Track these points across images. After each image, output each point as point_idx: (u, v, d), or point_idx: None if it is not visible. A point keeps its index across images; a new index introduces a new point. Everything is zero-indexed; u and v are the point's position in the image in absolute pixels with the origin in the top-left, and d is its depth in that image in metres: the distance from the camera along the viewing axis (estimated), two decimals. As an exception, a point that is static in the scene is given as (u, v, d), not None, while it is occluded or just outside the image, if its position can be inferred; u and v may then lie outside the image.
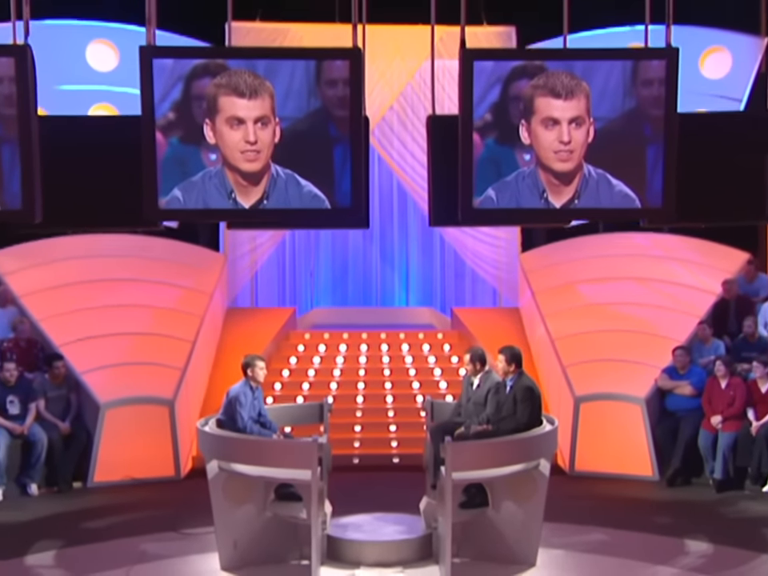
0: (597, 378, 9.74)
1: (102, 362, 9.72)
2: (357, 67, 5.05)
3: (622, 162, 5.24)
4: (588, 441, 9.52)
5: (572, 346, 10.30)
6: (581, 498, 8.59)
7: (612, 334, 10.34)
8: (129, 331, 10.26)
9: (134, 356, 9.93)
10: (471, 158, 5.10)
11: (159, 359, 9.94)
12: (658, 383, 9.54)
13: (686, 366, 9.48)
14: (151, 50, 5.16)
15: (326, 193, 5.26)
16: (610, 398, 9.54)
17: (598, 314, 10.76)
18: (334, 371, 11.65)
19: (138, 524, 7.75)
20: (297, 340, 12.38)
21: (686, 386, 9.37)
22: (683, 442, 9.10)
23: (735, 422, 8.87)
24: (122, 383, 9.51)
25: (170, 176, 5.21)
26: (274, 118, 5.23)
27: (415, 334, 12.48)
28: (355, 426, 10.59)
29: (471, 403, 7.06)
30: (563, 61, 5.17)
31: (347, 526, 6.91)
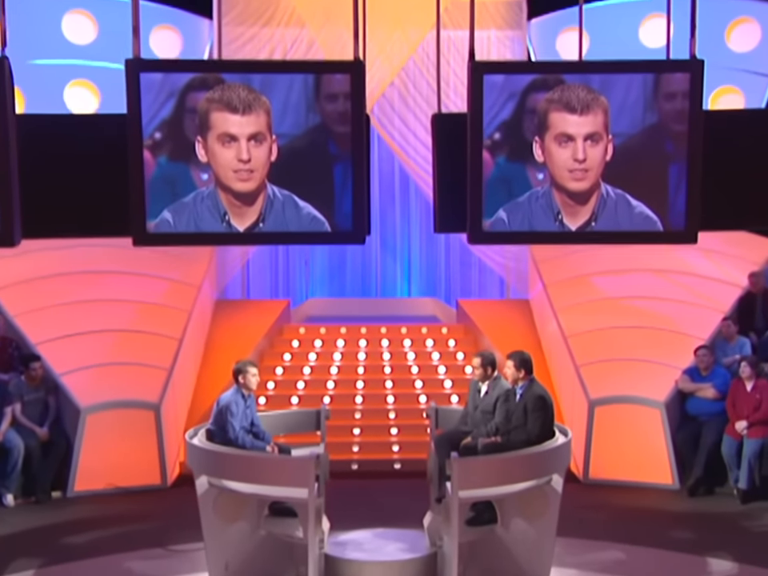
0: (612, 379, 9.75)
1: (83, 363, 9.74)
2: (358, 81, 5.02)
3: (642, 182, 5.20)
4: (603, 447, 9.55)
5: (586, 344, 10.31)
6: (595, 509, 8.63)
7: (629, 330, 10.34)
8: (111, 328, 10.27)
9: (116, 355, 9.94)
10: (480, 178, 5.08)
11: (144, 359, 9.96)
12: (679, 385, 9.56)
13: (709, 367, 9.48)
14: (138, 64, 5.12)
15: (325, 215, 5.24)
16: (626, 401, 9.56)
17: (614, 309, 10.76)
18: (331, 369, 11.68)
19: (122, 539, 7.79)
20: (291, 335, 12.40)
21: (709, 389, 9.38)
22: (705, 449, 9.13)
23: (762, 427, 8.88)
24: (104, 385, 9.53)
25: (159, 197, 5.18)
26: (270, 136, 5.19)
27: (418, 328, 12.49)
28: (354, 429, 10.63)
29: (479, 411, 7.06)
30: (580, 74, 5.14)
31: (346, 543, 6.93)
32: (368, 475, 9.95)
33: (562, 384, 10.55)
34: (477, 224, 5.16)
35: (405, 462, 10.17)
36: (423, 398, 11.06)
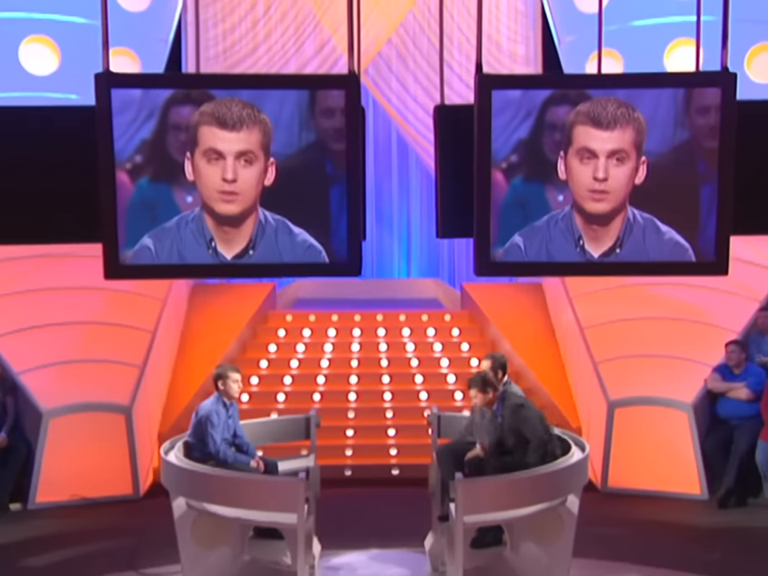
0: (634, 377, 9.81)
1: (44, 360, 9.76)
2: (353, 96, 4.99)
3: (672, 205, 5.20)
4: (624, 453, 9.62)
5: (605, 337, 10.35)
6: (614, 523, 8.70)
7: (653, 322, 10.38)
8: (76, 320, 10.28)
9: (82, 352, 9.96)
10: (488, 203, 5.08)
11: (113, 355, 9.99)
12: (708, 385, 9.61)
13: (742, 364, 9.52)
14: (109, 78, 5.08)
15: (322, 242, 5.25)
16: (649, 403, 9.62)
17: (635, 297, 10.77)
18: (322, 362, 11.73)
19: (89, 560, 7.82)
20: (277, 323, 12.43)
21: (742, 389, 9.42)
22: (738, 456, 9.20)
23: (800, 432, 8.96)
24: (69, 386, 9.55)
25: (138, 223, 5.17)
26: (264, 158, 5.18)
27: (418, 315, 12.52)
28: (347, 431, 10.68)
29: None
30: (602, 89, 5.11)
31: (339, 568, 7.01)
32: (363, 483, 10.01)
33: (578, 383, 10.60)
34: (485, 253, 5.17)
35: (404, 468, 10.23)
36: (424, 395, 11.12)
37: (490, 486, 6.38)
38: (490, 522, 6.43)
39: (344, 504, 9.09)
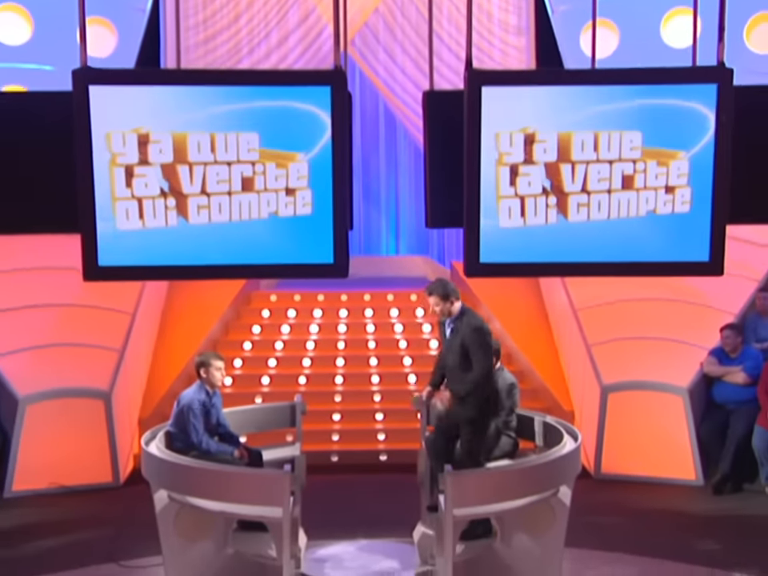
0: (628, 361, 9.88)
1: (20, 344, 9.77)
2: (340, 92, 4.99)
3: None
4: (618, 438, 9.70)
5: (599, 319, 10.40)
6: (608, 511, 8.80)
7: (647, 303, 10.42)
8: (52, 302, 10.26)
9: (59, 335, 9.97)
10: (479, 203, 5.10)
11: (91, 339, 10.00)
12: (704, 368, 9.68)
13: (738, 348, 9.59)
14: (87, 74, 5.07)
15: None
16: (644, 388, 9.69)
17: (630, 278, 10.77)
18: (307, 343, 11.76)
19: (69, 552, 7.85)
20: (261, 303, 12.45)
21: (739, 372, 9.50)
22: (734, 441, 9.29)
23: (797, 417, 9.05)
24: (46, 371, 9.57)
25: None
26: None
27: (406, 294, 12.55)
28: (333, 415, 10.72)
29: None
30: (596, 85, 5.12)
31: (325, 560, 7.06)
32: (350, 469, 10.07)
33: (571, 366, 10.67)
34: (475, 256, 5.21)
35: (392, 454, 10.29)
36: (413, 378, 11.17)
37: (479, 478, 6.44)
38: (480, 515, 6.49)
39: (331, 492, 9.15)
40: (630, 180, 5.31)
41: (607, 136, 5.25)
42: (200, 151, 5.22)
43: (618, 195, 5.31)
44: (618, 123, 5.31)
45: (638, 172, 5.32)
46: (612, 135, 5.24)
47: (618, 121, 5.32)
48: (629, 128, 5.29)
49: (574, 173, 5.29)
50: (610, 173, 5.27)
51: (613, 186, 5.29)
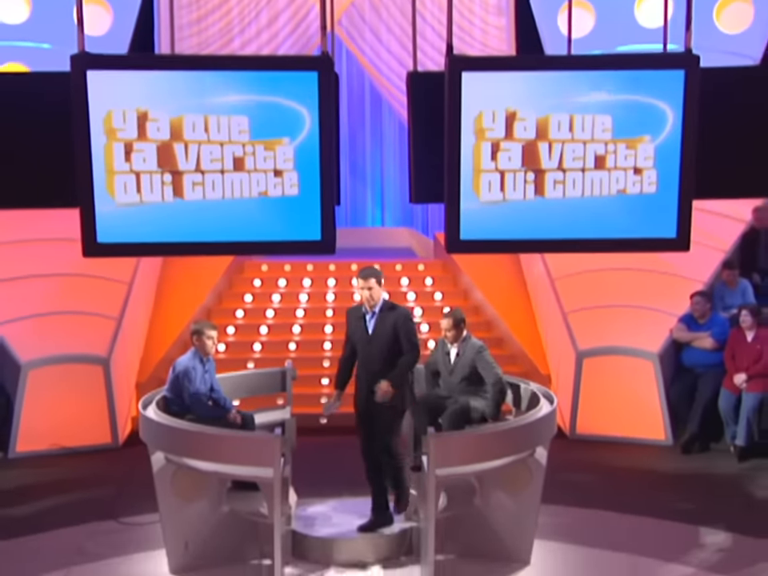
0: (602, 327, 9.92)
1: (21, 312, 9.74)
2: (327, 78, 4.96)
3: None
4: (592, 401, 9.77)
5: (574, 288, 10.43)
6: (582, 469, 8.85)
7: (621, 273, 10.44)
8: (52, 272, 10.22)
9: (59, 303, 9.94)
10: (458, 182, 5.09)
11: (90, 307, 9.98)
12: (674, 334, 9.73)
13: (706, 315, 9.64)
14: (85, 60, 5.03)
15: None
16: (617, 353, 9.76)
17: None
18: (297, 311, 11.76)
19: (71, 509, 7.87)
20: (252, 273, 12.42)
21: (706, 338, 9.55)
22: (701, 403, 9.36)
23: (762, 380, 9.10)
24: (47, 338, 9.55)
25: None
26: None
27: (392, 264, 12.53)
28: (322, 379, 10.73)
29: (457, 376, 7.22)
30: (571, 70, 5.11)
31: (314, 518, 7.09)
32: (338, 431, 10.02)
33: (548, 332, 10.70)
34: (455, 233, 5.21)
35: (378, 416, 10.26)
36: (398, 344, 11.14)
37: (460, 440, 6.47)
38: (462, 475, 6.52)
39: (319, 453, 9.16)
40: (602, 160, 5.33)
41: (581, 118, 5.26)
42: (194, 131, 5.21)
43: (591, 174, 5.32)
44: (592, 109, 5.32)
45: (609, 153, 5.35)
46: (585, 117, 5.26)
47: (591, 107, 5.32)
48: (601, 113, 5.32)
49: (551, 151, 5.30)
50: (584, 152, 5.28)
51: (586, 165, 5.30)
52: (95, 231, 5.20)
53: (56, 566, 6.74)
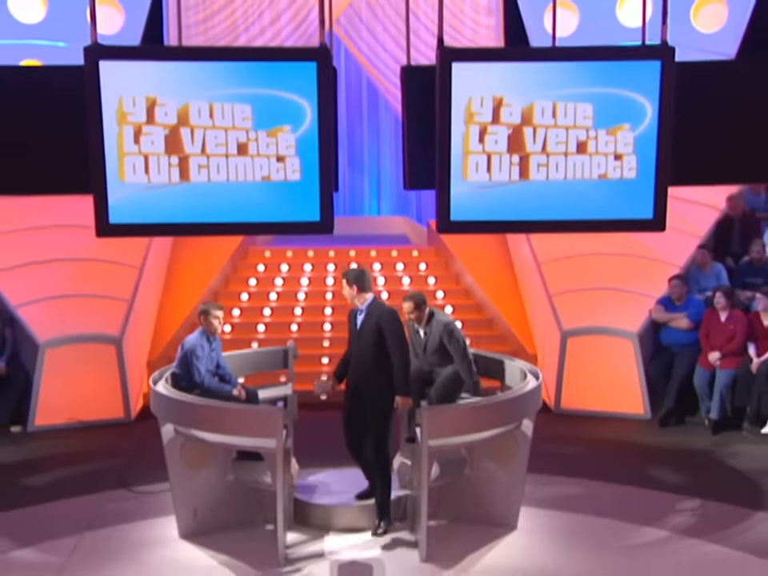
0: (586, 309, 9.94)
1: (39, 294, 9.76)
2: (325, 68, 4.97)
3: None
4: (575, 377, 9.80)
5: (559, 272, 10.44)
6: (566, 441, 8.89)
7: (603, 258, 10.48)
8: (67, 257, 10.22)
9: (74, 286, 9.95)
10: (449, 168, 5.11)
11: (103, 290, 9.98)
12: (652, 315, 9.76)
13: (683, 297, 9.67)
14: (97, 51, 5.05)
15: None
16: (599, 333, 9.79)
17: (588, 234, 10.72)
18: (299, 294, 11.77)
19: (86, 479, 7.91)
20: (256, 258, 12.43)
21: (682, 319, 9.58)
22: (678, 380, 9.40)
23: (734, 358, 9.15)
24: (63, 319, 9.57)
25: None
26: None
27: (388, 251, 12.55)
28: (322, 358, 10.75)
29: (430, 353, 7.33)
30: (554, 61, 5.14)
31: (315, 487, 7.13)
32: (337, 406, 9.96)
33: (534, 313, 10.72)
34: (446, 215, 5.24)
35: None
36: (393, 325, 11.16)
37: (452, 412, 6.51)
38: (453, 445, 6.55)
39: (319, 426, 9.12)
40: (584, 145, 5.35)
41: (564, 105, 5.28)
42: (200, 116, 5.22)
43: (574, 158, 5.35)
44: (573, 98, 5.34)
45: (591, 138, 5.36)
46: (568, 105, 5.28)
47: (573, 96, 5.34)
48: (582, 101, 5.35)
49: (535, 135, 5.32)
50: (567, 138, 5.30)
51: (569, 150, 5.33)
52: (107, 213, 5.22)
53: (70, 532, 6.78)
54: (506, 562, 6.33)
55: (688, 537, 6.69)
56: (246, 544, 6.53)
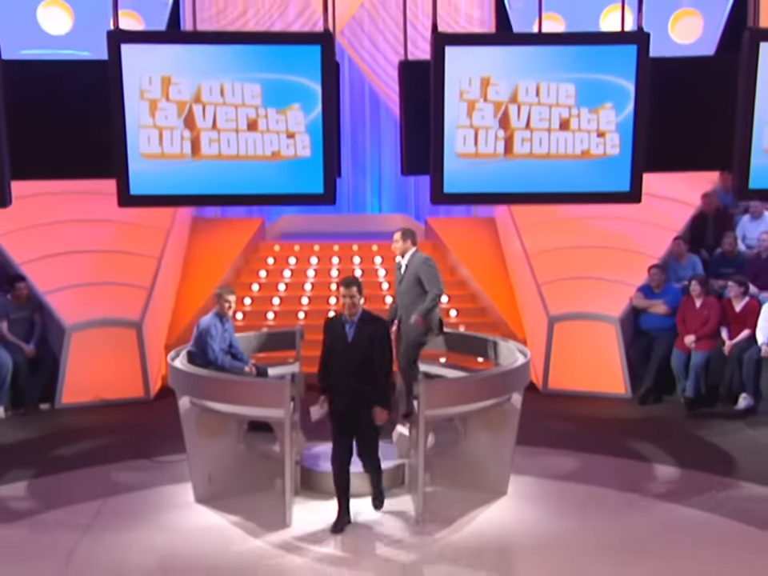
0: (571, 296, 9.92)
1: (66, 282, 9.77)
2: (328, 52, 5.01)
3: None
4: (562, 359, 9.78)
5: (547, 263, 10.44)
6: (553, 418, 8.89)
7: (589, 250, 10.49)
8: (92, 248, 10.26)
9: (98, 275, 9.96)
10: (442, 146, 5.14)
11: (125, 278, 9.99)
12: (633, 302, 9.76)
13: (661, 285, 9.67)
14: (119, 35, 5.10)
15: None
16: (583, 318, 9.75)
17: (575, 229, 10.85)
18: (305, 285, 11.76)
19: (109, 450, 7.94)
20: (266, 252, 12.42)
21: (661, 305, 9.58)
22: (656, 361, 9.40)
23: (708, 341, 9.15)
24: (88, 304, 9.57)
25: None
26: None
27: (388, 245, 12.30)
28: (327, 343, 10.71)
29: (404, 291, 7.15)
30: (540, 45, 5.19)
31: (320, 455, 7.13)
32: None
33: (524, 301, 10.72)
34: (440, 187, 5.29)
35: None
36: (393, 313, 11.16)
37: (447, 385, 6.54)
38: (448, 416, 6.57)
39: (324, 404, 9.19)
40: (567, 122, 5.36)
41: (547, 85, 5.30)
42: (211, 94, 5.24)
43: (557, 134, 5.36)
44: (556, 79, 5.35)
45: (573, 116, 5.37)
46: (551, 85, 5.30)
47: (556, 77, 5.36)
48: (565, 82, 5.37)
49: (519, 112, 5.33)
50: (550, 115, 5.31)
51: (552, 126, 5.33)
52: (128, 184, 5.23)
53: (95, 496, 6.82)
54: (496, 523, 6.36)
55: (665, 501, 6.72)
56: (256, 507, 6.55)
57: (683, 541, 6.06)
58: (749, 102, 5.39)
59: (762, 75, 5.35)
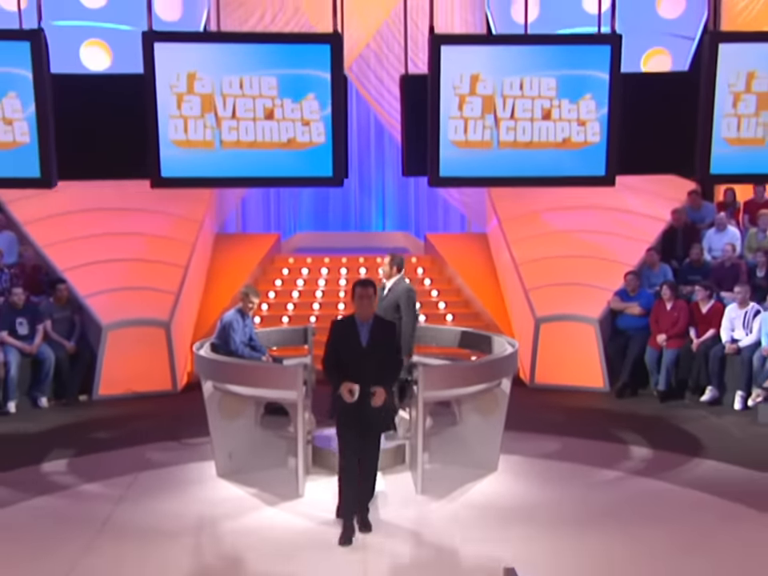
0: (556, 300, 9.99)
1: (103, 287, 9.87)
2: (337, 51, 5.14)
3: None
4: (547, 357, 9.84)
5: (534, 271, 10.51)
6: (539, 409, 8.94)
7: (571, 259, 10.55)
8: (126, 258, 10.35)
9: (131, 281, 10.06)
10: (438, 138, 5.27)
11: (155, 284, 10.08)
12: (611, 305, 9.83)
13: (636, 289, 9.75)
14: (153, 35, 5.26)
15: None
16: (567, 319, 9.81)
17: (559, 241, 10.94)
18: (316, 293, 11.85)
19: (140, 434, 8.02)
20: (281, 264, 12.53)
21: (636, 307, 9.66)
22: (631, 358, 9.45)
23: (678, 339, 9.22)
24: (122, 306, 9.67)
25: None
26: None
27: (390, 258, 12.57)
28: (336, 344, 10.77)
29: (382, 309, 6.94)
30: (526, 45, 5.33)
31: (329, 437, 7.17)
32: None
33: (513, 305, 10.79)
34: (436, 171, 5.40)
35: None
36: (395, 318, 11.23)
37: (443, 370, 6.61)
38: (444, 398, 6.63)
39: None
40: (548, 113, 5.46)
41: (529, 80, 5.42)
42: (231, 87, 5.37)
43: (539, 123, 5.46)
44: (538, 74, 5.48)
45: (554, 107, 5.48)
46: (533, 79, 5.42)
47: (539, 73, 5.49)
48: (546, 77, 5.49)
49: (504, 104, 5.45)
50: (532, 106, 5.42)
51: (534, 116, 5.45)
52: (160, 168, 5.34)
53: (127, 472, 6.92)
54: (488, 495, 6.41)
55: (638, 476, 6.78)
56: (271, 481, 6.62)
57: (654, 509, 6.13)
58: (709, 97, 5.52)
59: (720, 73, 5.50)
